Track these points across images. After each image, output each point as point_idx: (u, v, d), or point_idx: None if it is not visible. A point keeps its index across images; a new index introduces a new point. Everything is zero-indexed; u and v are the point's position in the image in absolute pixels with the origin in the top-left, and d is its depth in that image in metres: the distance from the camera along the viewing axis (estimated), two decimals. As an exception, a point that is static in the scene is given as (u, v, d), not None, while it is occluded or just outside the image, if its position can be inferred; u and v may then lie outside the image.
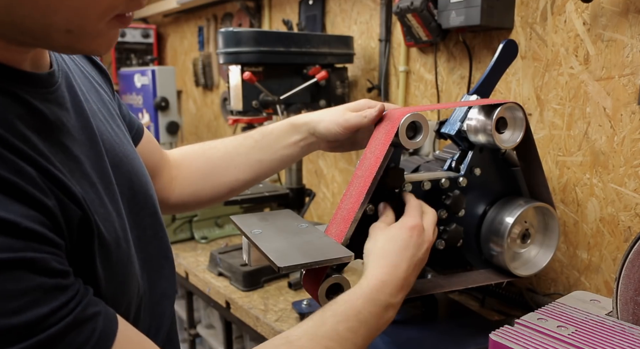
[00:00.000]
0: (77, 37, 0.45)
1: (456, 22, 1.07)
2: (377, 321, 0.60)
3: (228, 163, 0.82)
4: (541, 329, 0.62)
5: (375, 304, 0.60)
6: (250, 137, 0.83)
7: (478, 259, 0.86)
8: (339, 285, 0.67)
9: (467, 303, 1.05)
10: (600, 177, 0.95)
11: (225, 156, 0.82)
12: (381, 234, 0.67)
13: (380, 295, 0.60)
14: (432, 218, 0.71)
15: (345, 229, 0.69)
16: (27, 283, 0.39)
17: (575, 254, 1.00)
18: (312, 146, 0.81)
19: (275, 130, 0.81)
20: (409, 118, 0.70)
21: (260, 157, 0.81)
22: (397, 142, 0.71)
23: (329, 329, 0.56)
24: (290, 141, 0.80)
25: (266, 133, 0.81)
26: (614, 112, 0.91)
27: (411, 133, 0.71)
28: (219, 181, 0.81)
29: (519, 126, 0.81)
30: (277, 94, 1.26)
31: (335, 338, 0.55)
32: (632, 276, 0.66)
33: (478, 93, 0.85)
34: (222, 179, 0.81)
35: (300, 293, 1.15)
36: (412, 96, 1.35)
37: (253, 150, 0.81)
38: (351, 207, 0.70)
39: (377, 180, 0.70)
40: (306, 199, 1.42)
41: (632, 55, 0.88)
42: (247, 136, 0.83)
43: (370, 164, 0.71)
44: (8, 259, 0.38)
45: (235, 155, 0.82)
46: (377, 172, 0.70)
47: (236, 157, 0.82)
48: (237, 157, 0.82)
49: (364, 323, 0.58)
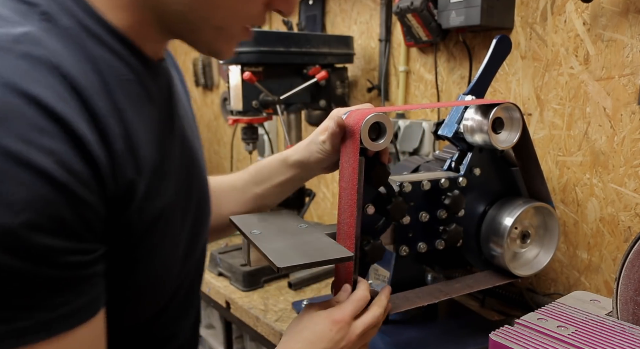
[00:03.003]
0: (223, 35, 0.52)
1: (456, 22, 1.07)
2: None
3: (225, 196, 0.83)
4: (541, 329, 0.62)
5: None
6: (247, 171, 0.84)
7: (478, 259, 0.86)
8: (380, 124, 0.68)
9: (467, 303, 1.05)
10: (600, 177, 0.94)
11: (222, 190, 0.83)
12: (307, 314, 0.64)
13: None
14: (371, 319, 0.65)
15: (352, 244, 0.69)
16: (60, 212, 0.37)
17: (575, 254, 1.00)
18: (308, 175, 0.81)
19: (267, 165, 0.82)
20: (368, 121, 0.67)
21: (259, 192, 0.82)
22: (363, 147, 0.68)
23: None
24: (283, 179, 0.80)
25: (259, 168, 0.83)
26: (614, 112, 0.91)
27: (374, 135, 0.69)
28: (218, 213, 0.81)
29: (515, 126, 0.80)
30: (277, 94, 1.26)
31: None
32: (632, 276, 0.66)
33: (473, 92, 0.85)
34: (221, 212, 0.81)
35: (300, 293, 1.15)
36: (412, 96, 1.35)
37: (250, 184, 0.83)
38: (349, 221, 0.70)
39: (361, 188, 0.69)
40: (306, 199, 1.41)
41: (632, 55, 0.88)
42: (245, 170, 0.85)
43: (349, 174, 0.69)
44: (58, 179, 0.37)
45: (231, 190, 0.83)
46: (359, 181, 0.68)
47: (232, 191, 0.83)
48: (233, 192, 0.83)
49: None
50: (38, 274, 0.37)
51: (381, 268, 0.93)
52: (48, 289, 0.38)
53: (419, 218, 0.80)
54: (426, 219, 0.80)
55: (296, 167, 0.79)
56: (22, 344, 0.37)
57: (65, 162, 0.37)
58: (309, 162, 0.77)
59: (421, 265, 0.89)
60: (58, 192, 0.37)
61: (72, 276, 0.39)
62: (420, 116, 1.33)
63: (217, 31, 0.51)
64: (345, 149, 0.70)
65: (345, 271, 0.71)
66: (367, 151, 0.69)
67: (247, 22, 0.53)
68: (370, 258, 0.73)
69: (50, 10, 0.42)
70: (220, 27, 0.51)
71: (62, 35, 0.42)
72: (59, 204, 0.37)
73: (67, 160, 0.37)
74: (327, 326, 0.62)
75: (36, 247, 0.36)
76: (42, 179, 0.36)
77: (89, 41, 0.44)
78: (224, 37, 0.52)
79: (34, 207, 0.35)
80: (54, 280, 0.38)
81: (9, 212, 0.34)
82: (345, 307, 0.64)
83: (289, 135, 1.40)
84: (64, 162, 0.37)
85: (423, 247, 0.81)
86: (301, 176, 0.80)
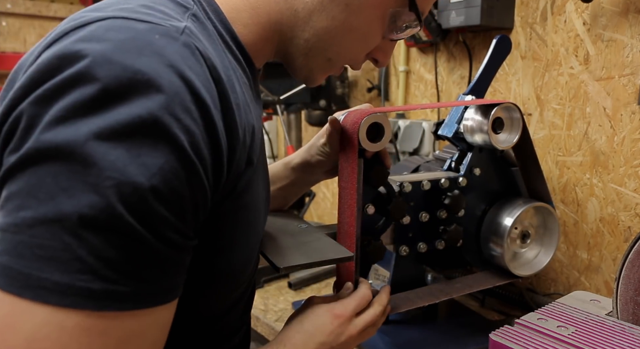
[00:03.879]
0: (328, 66, 0.59)
1: (456, 22, 1.07)
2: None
3: None
4: (541, 329, 0.62)
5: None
6: None
7: (478, 259, 0.86)
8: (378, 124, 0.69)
9: (467, 303, 1.05)
10: (600, 177, 0.94)
11: None
12: (310, 307, 0.65)
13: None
14: (371, 317, 0.66)
15: (352, 244, 0.69)
16: (182, 188, 0.40)
17: (575, 254, 1.00)
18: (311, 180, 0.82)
19: (271, 170, 0.82)
20: (366, 122, 0.67)
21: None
22: (362, 148, 0.69)
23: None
24: (286, 183, 0.81)
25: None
26: (614, 112, 0.91)
27: (373, 136, 0.69)
28: None
29: (515, 126, 0.80)
30: (277, 94, 1.26)
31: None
32: (632, 276, 0.66)
33: (473, 92, 0.85)
34: None
35: (300, 293, 1.15)
36: (412, 96, 1.35)
37: None
38: (349, 221, 0.70)
39: (360, 188, 0.69)
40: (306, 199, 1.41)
41: (632, 55, 0.88)
42: None
43: (348, 174, 0.70)
44: (189, 155, 0.39)
45: None
46: (358, 182, 0.68)
47: None
48: None
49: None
50: (146, 242, 0.38)
51: (381, 268, 0.93)
52: (150, 260, 0.39)
53: (419, 218, 0.80)
54: (426, 219, 0.80)
55: (298, 171, 0.79)
56: (115, 309, 0.38)
57: (197, 144, 0.41)
58: (310, 165, 0.78)
59: (421, 265, 0.89)
60: (186, 169, 0.40)
61: (169, 254, 0.41)
62: (420, 116, 1.33)
63: (326, 62, 0.58)
64: (344, 150, 0.71)
65: (346, 271, 0.71)
66: (366, 151, 0.69)
67: (348, 63, 0.60)
68: (371, 258, 0.73)
69: (198, 14, 0.49)
70: (330, 59, 0.58)
71: (206, 35, 0.47)
72: (183, 181, 0.40)
73: (199, 142, 0.41)
74: (328, 319, 0.63)
75: (153, 213, 0.38)
76: (177, 153, 0.39)
77: (221, 45, 0.50)
78: (327, 68, 0.59)
79: (165, 176, 0.38)
80: (156, 253, 0.39)
81: (145, 173, 0.37)
82: (348, 303, 0.65)
83: (289, 135, 1.40)
84: (196, 143, 0.40)
85: (423, 247, 0.81)
86: (304, 180, 0.81)
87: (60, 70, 0.38)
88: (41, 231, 0.36)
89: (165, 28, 0.42)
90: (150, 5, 0.45)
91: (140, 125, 0.37)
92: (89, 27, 0.41)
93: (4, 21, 2.82)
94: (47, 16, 2.93)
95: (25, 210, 0.36)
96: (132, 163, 0.37)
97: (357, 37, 0.57)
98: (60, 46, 0.40)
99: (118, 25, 0.41)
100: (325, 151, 0.75)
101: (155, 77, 0.39)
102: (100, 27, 0.40)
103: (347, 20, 0.55)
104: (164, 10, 0.45)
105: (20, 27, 2.86)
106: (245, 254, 0.54)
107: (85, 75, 0.38)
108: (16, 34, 2.85)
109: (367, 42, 0.58)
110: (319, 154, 0.76)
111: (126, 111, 0.37)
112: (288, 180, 0.81)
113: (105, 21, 0.41)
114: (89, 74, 0.37)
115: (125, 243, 0.37)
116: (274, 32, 0.56)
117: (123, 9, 0.43)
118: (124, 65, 0.38)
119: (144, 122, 0.38)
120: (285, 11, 0.55)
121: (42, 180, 0.37)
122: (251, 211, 0.53)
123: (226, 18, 0.52)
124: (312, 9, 0.54)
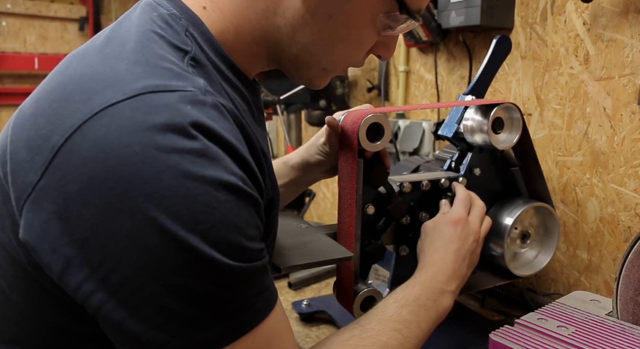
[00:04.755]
0: (325, 74, 0.58)
1: (456, 22, 1.07)
2: (436, 306, 0.65)
3: None
4: (541, 329, 0.62)
5: (431, 291, 0.65)
6: None
7: (478, 259, 0.86)
8: (372, 297, 0.71)
9: (467, 303, 1.05)
10: (600, 177, 0.94)
11: None
12: (429, 231, 0.73)
13: (433, 283, 0.66)
14: (479, 211, 0.75)
15: (352, 244, 0.70)
16: (256, 220, 0.46)
17: (575, 254, 1.00)
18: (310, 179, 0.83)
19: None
20: (366, 122, 0.67)
21: None
22: (361, 148, 0.69)
23: (393, 312, 0.61)
24: (284, 181, 0.81)
25: None
26: (614, 112, 0.91)
27: (372, 136, 0.69)
28: None
29: (515, 126, 0.81)
30: (277, 94, 1.26)
31: (400, 320, 0.60)
32: (632, 276, 0.66)
33: (473, 92, 0.85)
34: None
35: (300, 293, 1.15)
36: (412, 96, 1.35)
37: None
38: (349, 221, 0.70)
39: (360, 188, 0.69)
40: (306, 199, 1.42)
41: (632, 55, 0.88)
42: None
43: (348, 174, 0.70)
44: (250, 194, 0.45)
45: None
46: (358, 182, 0.68)
47: None
48: None
49: (423, 307, 0.63)
50: (254, 268, 0.45)
51: (381, 268, 0.93)
52: (262, 276, 0.46)
53: (419, 218, 0.80)
54: (426, 219, 0.80)
55: (297, 170, 0.79)
56: (263, 318, 0.45)
57: (250, 185, 0.46)
58: (309, 164, 0.77)
59: (421, 265, 0.89)
60: (255, 206, 0.46)
61: (263, 265, 0.47)
62: (420, 116, 1.33)
63: (323, 72, 0.58)
64: (343, 150, 0.71)
65: (346, 271, 0.71)
66: (366, 151, 0.69)
67: (349, 65, 0.60)
68: (372, 258, 0.73)
69: (197, 56, 0.49)
70: (326, 68, 0.57)
71: (207, 77, 0.48)
72: (256, 216, 0.46)
73: (249, 183, 0.46)
74: (450, 228, 0.71)
75: (253, 250, 0.45)
76: (248, 200, 0.44)
77: (219, 81, 0.50)
78: (325, 75, 0.59)
79: (250, 222, 0.44)
80: (262, 269, 0.46)
81: (239, 232, 0.43)
82: (458, 208, 0.74)
83: (289, 135, 1.40)
84: (250, 185, 0.45)
85: (423, 247, 0.81)
86: (302, 179, 0.81)
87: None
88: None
89: (193, 93, 0.43)
90: (155, 53, 0.45)
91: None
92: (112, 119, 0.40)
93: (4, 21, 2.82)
94: (47, 16, 2.93)
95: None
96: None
97: (349, 44, 0.56)
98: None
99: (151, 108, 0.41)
100: (324, 150, 0.75)
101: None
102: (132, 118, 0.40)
103: (334, 32, 0.53)
104: (166, 57, 0.45)
105: (20, 27, 2.86)
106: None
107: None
108: (16, 34, 2.85)
109: (362, 45, 0.57)
110: (319, 153, 0.76)
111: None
112: (287, 178, 0.81)
113: (129, 102, 0.41)
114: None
115: (239, 279, 0.43)
116: (260, 48, 0.55)
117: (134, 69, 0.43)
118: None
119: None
120: (269, 28, 0.53)
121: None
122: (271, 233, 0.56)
123: (219, 45, 0.51)
124: (295, 24, 0.53)
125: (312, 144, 0.77)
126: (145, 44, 0.46)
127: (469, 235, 0.71)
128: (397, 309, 0.62)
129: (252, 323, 0.44)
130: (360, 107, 0.74)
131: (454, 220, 0.71)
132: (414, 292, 0.64)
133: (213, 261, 0.41)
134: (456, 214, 0.72)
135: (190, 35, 0.49)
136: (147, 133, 0.39)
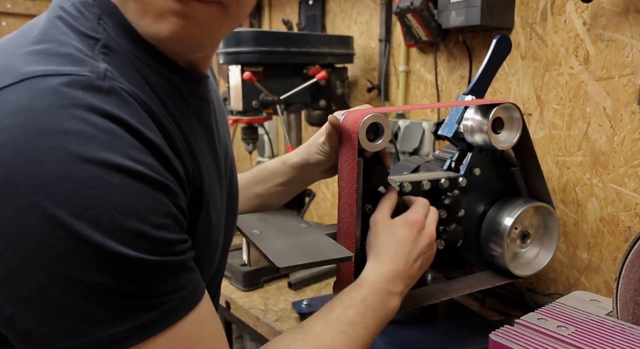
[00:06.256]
0: (143, 8, 0.47)
1: (456, 22, 1.07)
2: (384, 307, 0.64)
3: None
4: (541, 329, 0.62)
5: (378, 292, 0.64)
6: (249, 172, 0.86)
7: (478, 259, 0.86)
8: (378, 124, 0.69)
9: (467, 303, 1.05)
10: (600, 177, 0.94)
11: None
12: (382, 228, 0.70)
13: (381, 284, 0.65)
14: (435, 216, 0.74)
15: (352, 244, 0.70)
16: (169, 208, 0.44)
17: (575, 254, 1.00)
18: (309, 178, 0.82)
19: (269, 167, 0.83)
20: (366, 122, 0.67)
21: (258, 191, 0.83)
22: (361, 148, 0.69)
23: (338, 314, 0.60)
24: (283, 180, 0.81)
25: (261, 169, 0.84)
26: (614, 112, 0.91)
27: (372, 136, 0.69)
28: None
29: (515, 126, 0.80)
30: (277, 94, 1.26)
31: (346, 322, 0.59)
32: (632, 276, 0.66)
33: (473, 92, 0.85)
34: None
35: (300, 293, 1.15)
36: (412, 96, 1.35)
37: (250, 184, 0.84)
38: (349, 221, 0.70)
39: (360, 188, 0.69)
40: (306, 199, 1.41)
41: (632, 55, 0.88)
42: (248, 171, 0.86)
43: (347, 174, 0.69)
44: (158, 180, 0.43)
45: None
46: (357, 182, 0.68)
47: None
48: None
49: (370, 308, 0.62)
50: (166, 263, 0.43)
51: (381, 268, 0.93)
52: (179, 272, 0.44)
53: (419, 218, 0.80)
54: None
55: (296, 169, 0.79)
56: (177, 319, 0.43)
57: (160, 171, 0.44)
58: (309, 163, 0.77)
59: (421, 265, 0.89)
60: (167, 194, 0.44)
61: (182, 262, 0.45)
62: (420, 116, 1.33)
63: (136, 3, 0.47)
64: (343, 150, 0.71)
65: (346, 271, 0.71)
66: (366, 151, 0.69)
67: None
68: None
69: (107, 43, 0.47)
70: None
71: (120, 64, 0.47)
72: (169, 204, 0.44)
73: (160, 169, 0.44)
74: (406, 229, 0.69)
75: (162, 241, 0.42)
76: (155, 186, 0.42)
77: (138, 65, 0.49)
78: (145, 10, 0.47)
79: (156, 210, 0.42)
80: (179, 264, 0.44)
81: (140, 219, 0.40)
82: (416, 208, 0.72)
83: (289, 135, 1.40)
84: (160, 171, 0.44)
85: (423, 247, 0.81)
86: (302, 178, 0.81)
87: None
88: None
89: (87, 78, 0.42)
90: (56, 39, 0.44)
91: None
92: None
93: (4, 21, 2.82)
94: (47, 16, 2.92)
95: None
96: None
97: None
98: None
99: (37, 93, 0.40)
100: (324, 150, 0.74)
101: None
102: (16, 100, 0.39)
103: None
104: (68, 42, 0.44)
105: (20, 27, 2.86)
106: (206, 254, 0.56)
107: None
108: (16, 34, 2.85)
109: None
110: (318, 153, 0.75)
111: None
112: (286, 177, 0.81)
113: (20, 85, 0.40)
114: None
115: (152, 271, 0.42)
116: None
117: (32, 56, 0.42)
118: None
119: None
120: None
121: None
122: (207, 223, 0.54)
123: (137, 32, 0.49)
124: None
125: (311, 144, 0.77)
126: (47, 31, 0.45)
127: (423, 237, 0.70)
128: (343, 311, 0.60)
129: (162, 323, 0.42)
130: (360, 107, 0.74)
131: (410, 221, 0.69)
132: (361, 293, 0.63)
133: (104, 250, 0.38)
134: (414, 216, 0.70)
135: (103, 22, 0.48)
136: (29, 116, 0.38)
